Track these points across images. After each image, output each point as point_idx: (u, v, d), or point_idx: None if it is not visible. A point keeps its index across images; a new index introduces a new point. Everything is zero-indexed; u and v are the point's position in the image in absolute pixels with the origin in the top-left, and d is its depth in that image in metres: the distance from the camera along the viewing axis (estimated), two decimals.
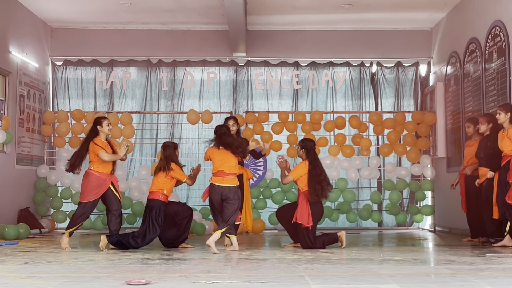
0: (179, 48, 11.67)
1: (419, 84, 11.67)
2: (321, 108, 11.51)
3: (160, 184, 7.51)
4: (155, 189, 7.52)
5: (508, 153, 7.32)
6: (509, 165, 7.26)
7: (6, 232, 8.53)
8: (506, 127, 7.41)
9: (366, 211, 10.86)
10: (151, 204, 7.46)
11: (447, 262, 6.04)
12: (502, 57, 8.27)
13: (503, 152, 7.41)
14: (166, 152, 7.61)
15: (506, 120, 7.40)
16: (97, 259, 6.24)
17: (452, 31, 10.50)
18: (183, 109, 11.54)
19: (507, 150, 7.34)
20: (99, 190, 7.38)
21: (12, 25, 9.94)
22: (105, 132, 7.65)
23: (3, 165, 9.59)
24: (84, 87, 11.66)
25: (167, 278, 4.90)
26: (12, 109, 9.86)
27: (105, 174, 7.44)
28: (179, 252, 7.09)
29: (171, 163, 7.54)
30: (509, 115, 7.38)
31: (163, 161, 7.60)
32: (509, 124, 7.38)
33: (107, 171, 7.47)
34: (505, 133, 7.40)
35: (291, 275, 5.09)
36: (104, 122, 7.63)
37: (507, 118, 7.39)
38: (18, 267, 5.60)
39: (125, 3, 10.21)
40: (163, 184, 7.51)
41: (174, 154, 7.63)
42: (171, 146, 7.69)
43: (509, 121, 7.39)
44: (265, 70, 11.65)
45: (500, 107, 7.50)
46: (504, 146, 7.38)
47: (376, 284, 4.58)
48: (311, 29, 11.64)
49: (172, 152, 7.63)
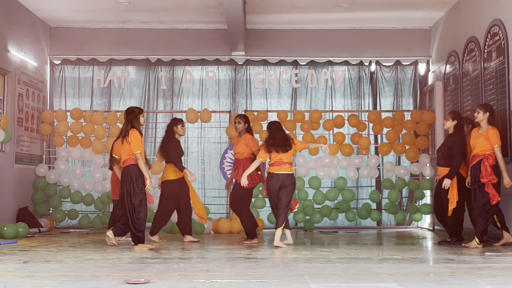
0: (178, 47, 11.66)
1: (418, 83, 11.67)
2: (320, 107, 11.51)
3: (127, 150, 7.30)
4: (125, 156, 7.31)
5: (480, 153, 7.38)
6: (480, 164, 7.33)
7: (5, 231, 8.52)
8: (483, 126, 7.49)
9: (365, 210, 10.86)
10: (127, 170, 7.29)
11: (446, 261, 6.04)
12: (501, 56, 8.27)
13: (474, 151, 7.46)
14: (129, 117, 7.41)
15: (484, 119, 7.49)
16: (96, 258, 6.24)
17: (451, 30, 10.50)
18: (182, 108, 11.54)
19: (479, 150, 7.39)
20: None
21: (11, 24, 9.93)
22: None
23: (2, 164, 9.58)
24: (81, 86, 11.65)
25: (166, 277, 4.90)
26: (11, 108, 9.85)
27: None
28: (178, 251, 7.09)
29: (130, 128, 7.33)
30: (487, 115, 7.47)
31: (125, 126, 7.43)
32: (488, 125, 7.46)
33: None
34: (481, 131, 7.45)
35: (290, 274, 5.09)
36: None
37: (485, 117, 7.48)
38: (17, 266, 5.59)
39: (124, 2, 10.20)
40: (129, 150, 7.31)
41: (136, 119, 7.42)
42: (135, 111, 7.48)
43: (487, 121, 7.47)
44: (264, 69, 11.64)
45: (480, 106, 7.63)
46: (478, 145, 7.42)
47: (375, 283, 4.58)
48: (310, 28, 11.63)
49: (135, 117, 7.42)
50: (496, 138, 7.39)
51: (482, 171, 7.32)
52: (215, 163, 11.38)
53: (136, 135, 7.33)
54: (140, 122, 7.49)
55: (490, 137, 7.38)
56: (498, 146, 7.37)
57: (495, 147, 7.34)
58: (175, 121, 8.53)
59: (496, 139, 7.38)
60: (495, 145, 7.35)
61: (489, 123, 7.48)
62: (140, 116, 7.50)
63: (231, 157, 10.38)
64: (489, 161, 7.33)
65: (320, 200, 10.72)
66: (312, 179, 10.75)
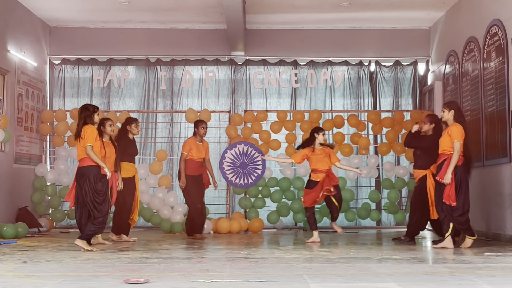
0: (178, 47, 11.66)
1: (417, 83, 11.68)
2: (319, 107, 11.51)
3: (84, 147, 7.05)
4: (83, 155, 7.06)
5: (445, 152, 7.33)
6: (443, 164, 7.29)
7: (5, 231, 8.52)
8: (450, 124, 7.44)
9: (365, 210, 10.86)
10: (83, 171, 7.02)
11: (445, 261, 6.04)
12: (500, 56, 8.27)
13: (440, 149, 7.42)
14: (83, 114, 7.16)
15: (450, 117, 7.43)
16: (96, 258, 6.24)
17: (451, 30, 10.51)
18: (181, 108, 11.54)
19: (443, 148, 7.33)
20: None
21: (10, 24, 9.93)
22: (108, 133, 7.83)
23: (2, 164, 9.58)
24: (81, 86, 11.66)
25: (165, 277, 4.90)
26: (11, 108, 9.85)
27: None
28: (178, 251, 7.09)
29: (83, 125, 7.10)
30: (452, 113, 7.41)
31: (78, 123, 7.20)
32: (453, 122, 7.42)
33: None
34: (450, 130, 7.39)
35: (289, 274, 5.09)
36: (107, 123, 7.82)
37: (451, 115, 7.42)
38: (16, 266, 5.59)
39: (123, 2, 10.20)
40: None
41: (90, 117, 7.15)
42: (90, 109, 7.21)
43: (453, 118, 7.42)
44: (264, 69, 11.65)
45: (445, 105, 7.59)
46: (442, 143, 7.39)
47: (374, 283, 4.58)
48: (309, 28, 11.64)
49: (89, 115, 7.15)
50: (457, 134, 7.26)
51: (441, 171, 7.26)
52: (214, 163, 11.36)
53: (92, 129, 7.06)
54: (94, 120, 7.19)
55: (452, 132, 7.29)
56: (457, 141, 7.23)
57: (454, 142, 7.23)
58: (129, 120, 8.55)
59: (457, 135, 7.26)
60: (454, 139, 7.23)
61: (455, 121, 7.41)
62: (95, 114, 7.21)
63: (231, 157, 10.38)
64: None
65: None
66: None
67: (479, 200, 8.96)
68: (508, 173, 8.07)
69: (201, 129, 9.00)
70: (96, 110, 7.23)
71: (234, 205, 11.34)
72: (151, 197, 10.30)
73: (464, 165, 7.33)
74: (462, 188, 7.28)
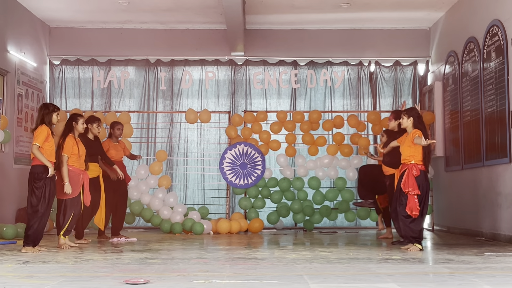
0: (178, 48, 11.66)
1: (417, 83, 11.68)
2: (319, 107, 11.51)
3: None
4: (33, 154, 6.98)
5: (405, 161, 7.21)
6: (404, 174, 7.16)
7: (5, 231, 8.52)
8: (409, 131, 7.31)
9: (365, 210, 10.85)
10: (31, 170, 6.99)
11: (445, 261, 6.04)
12: (500, 56, 8.27)
13: (402, 158, 7.29)
14: (41, 112, 7.10)
15: (409, 124, 7.30)
16: (96, 259, 6.24)
17: (451, 30, 10.51)
18: (181, 108, 11.54)
19: (404, 158, 7.23)
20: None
21: (10, 24, 9.93)
22: (79, 130, 7.74)
23: (2, 164, 9.58)
24: (81, 87, 11.66)
25: (165, 278, 4.90)
26: (10, 109, 9.85)
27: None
28: (178, 252, 7.09)
29: (40, 124, 7.04)
30: (411, 120, 7.28)
31: (36, 121, 7.17)
32: (413, 129, 7.27)
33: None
34: (408, 137, 7.29)
35: (289, 274, 5.09)
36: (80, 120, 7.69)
37: (410, 122, 7.29)
38: (16, 267, 5.59)
39: (123, 2, 10.20)
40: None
41: (49, 116, 7.09)
42: (49, 108, 7.13)
43: (412, 125, 7.30)
44: (264, 69, 11.65)
45: (404, 112, 7.42)
46: (403, 152, 7.26)
47: (374, 283, 4.58)
48: (309, 28, 11.64)
49: (48, 114, 7.09)
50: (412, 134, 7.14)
51: (404, 181, 7.14)
52: (214, 163, 11.37)
53: (42, 130, 6.98)
54: (52, 119, 7.12)
55: (410, 137, 7.17)
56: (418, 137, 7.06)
57: (415, 137, 7.08)
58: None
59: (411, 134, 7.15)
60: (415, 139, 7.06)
61: (414, 127, 7.27)
62: (54, 114, 7.12)
63: (231, 157, 10.38)
64: (413, 172, 7.11)
65: (320, 200, 10.72)
66: (311, 179, 10.75)
67: (479, 200, 8.96)
68: (508, 173, 8.07)
69: (117, 130, 9.00)
70: (55, 110, 7.18)
71: (234, 206, 11.34)
72: (151, 197, 10.29)
73: (424, 173, 7.17)
74: (424, 199, 7.17)
